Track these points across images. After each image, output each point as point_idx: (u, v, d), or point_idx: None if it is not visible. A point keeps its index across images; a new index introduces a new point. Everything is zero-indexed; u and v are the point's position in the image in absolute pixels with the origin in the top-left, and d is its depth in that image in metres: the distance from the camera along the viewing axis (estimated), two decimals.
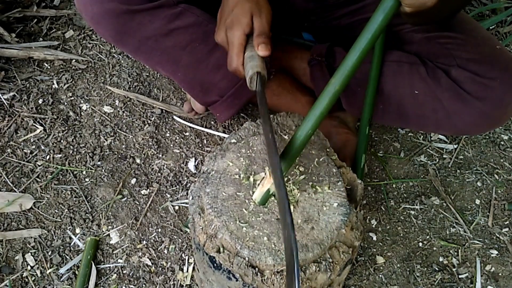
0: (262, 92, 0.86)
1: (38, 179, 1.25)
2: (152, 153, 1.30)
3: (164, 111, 1.38)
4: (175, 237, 1.18)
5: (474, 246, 1.22)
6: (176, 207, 1.23)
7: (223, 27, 0.97)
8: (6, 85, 1.40)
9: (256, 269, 0.78)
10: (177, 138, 1.33)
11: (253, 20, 0.95)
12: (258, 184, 0.83)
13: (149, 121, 1.36)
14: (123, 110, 1.38)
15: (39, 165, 1.27)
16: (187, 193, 1.24)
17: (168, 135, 1.34)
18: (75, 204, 1.21)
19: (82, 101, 1.39)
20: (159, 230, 1.19)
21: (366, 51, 0.75)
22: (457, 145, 1.38)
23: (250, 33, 0.95)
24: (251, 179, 0.85)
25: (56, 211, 1.20)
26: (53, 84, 1.42)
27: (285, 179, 0.85)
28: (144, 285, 1.12)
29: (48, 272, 1.12)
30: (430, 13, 0.75)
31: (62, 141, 1.31)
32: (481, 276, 1.17)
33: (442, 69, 1.05)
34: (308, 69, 1.22)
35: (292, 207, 0.82)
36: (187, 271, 1.13)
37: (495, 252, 1.21)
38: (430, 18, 0.80)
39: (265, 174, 0.84)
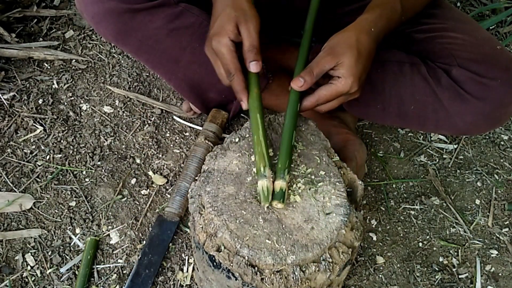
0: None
1: (38, 179, 1.25)
2: (152, 153, 1.30)
3: (164, 111, 1.38)
4: (175, 237, 1.18)
5: (474, 246, 1.22)
6: None
7: (210, 39, 0.92)
8: (6, 85, 1.40)
9: (256, 268, 0.78)
10: (177, 138, 1.33)
11: (239, 29, 0.89)
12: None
13: (149, 121, 1.36)
14: (123, 110, 1.38)
15: (39, 165, 1.27)
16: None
17: (168, 135, 1.34)
18: (75, 204, 1.21)
19: (82, 101, 1.39)
20: None
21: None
22: (457, 145, 1.38)
23: (236, 40, 0.89)
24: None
25: (56, 211, 1.20)
26: (53, 84, 1.42)
27: (290, 172, 0.86)
28: None
29: (48, 272, 1.12)
30: None
31: (62, 141, 1.31)
32: (481, 276, 1.17)
33: (442, 69, 1.05)
34: None
35: (293, 197, 0.84)
36: (187, 271, 1.13)
37: (495, 252, 1.21)
38: None
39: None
